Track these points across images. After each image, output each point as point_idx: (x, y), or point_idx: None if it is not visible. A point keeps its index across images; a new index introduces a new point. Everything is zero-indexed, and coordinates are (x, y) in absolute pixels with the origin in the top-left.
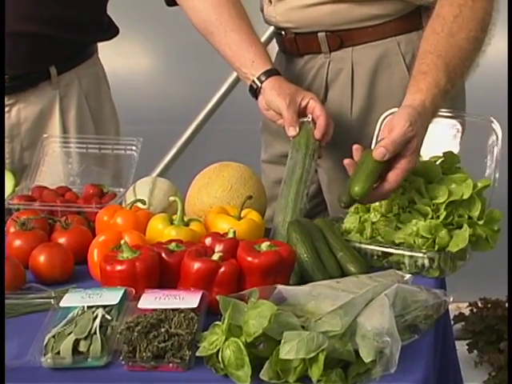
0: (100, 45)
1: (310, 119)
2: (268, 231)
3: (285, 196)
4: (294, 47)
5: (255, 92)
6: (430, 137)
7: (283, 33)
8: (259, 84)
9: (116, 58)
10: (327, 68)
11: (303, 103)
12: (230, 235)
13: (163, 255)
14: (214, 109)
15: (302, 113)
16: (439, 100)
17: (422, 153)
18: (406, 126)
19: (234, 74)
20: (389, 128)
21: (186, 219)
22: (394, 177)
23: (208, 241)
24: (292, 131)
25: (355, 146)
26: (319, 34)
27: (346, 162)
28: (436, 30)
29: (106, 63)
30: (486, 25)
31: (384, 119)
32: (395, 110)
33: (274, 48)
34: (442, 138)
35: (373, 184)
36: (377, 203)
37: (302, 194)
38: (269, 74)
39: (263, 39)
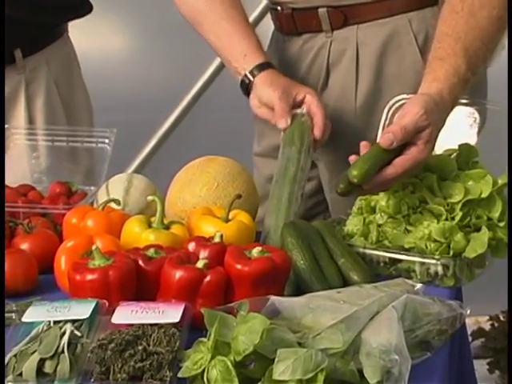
0: (69, 24)
1: (304, 111)
2: (260, 235)
3: (277, 197)
4: (291, 25)
5: (247, 88)
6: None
7: (279, 8)
8: (251, 79)
9: (87, 38)
10: (329, 49)
11: (298, 97)
12: (217, 239)
13: (140, 263)
14: (199, 94)
15: (296, 107)
16: (458, 90)
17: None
18: (420, 113)
19: None
20: (400, 115)
21: (166, 222)
22: (400, 161)
23: (191, 246)
24: (282, 123)
25: (363, 143)
26: (320, 10)
27: (352, 158)
28: (455, 8)
29: (75, 44)
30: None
31: (391, 107)
32: (404, 96)
33: (268, 25)
34: (457, 127)
35: (375, 169)
36: (383, 203)
37: (296, 194)
38: (262, 67)
39: (255, 14)
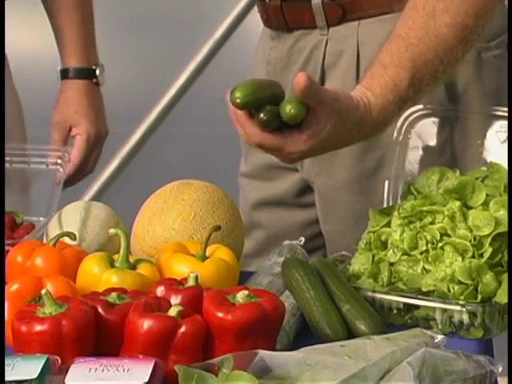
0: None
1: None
2: (245, 275)
3: None
4: (281, 19)
5: None
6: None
7: None
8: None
9: (23, 28)
10: (324, 49)
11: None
12: (191, 282)
13: (100, 310)
14: (171, 105)
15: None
16: (392, 110)
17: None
18: (334, 97)
19: (199, 58)
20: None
21: (131, 260)
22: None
23: (160, 290)
24: None
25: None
26: (314, 2)
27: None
28: (416, 5)
29: (10, 37)
30: (485, 10)
31: (405, 120)
32: (420, 107)
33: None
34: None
35: (261, 92)
36: (396, 237)
37: None
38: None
39: (239, 7)
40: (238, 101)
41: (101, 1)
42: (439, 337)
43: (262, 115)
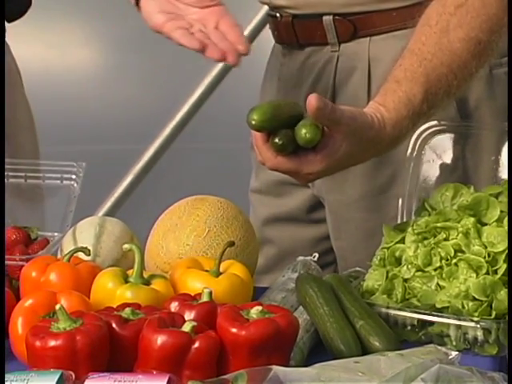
0: (12, 27)
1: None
2: (259, 291)
3: None
4: (292, 35)
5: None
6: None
7: (278, 15)
8: None
9: (44, 49)
10: (335, 65)
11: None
12: (205, 298)
13: (114, 326)
14: (185, 121)
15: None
16: (407, 124)
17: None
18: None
19: (212, 75)
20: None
21: (145, 275)
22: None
23: (174, 306)
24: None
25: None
26: (325, 18)
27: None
28: (430, 21)
29: (27, 56)
30: (498, 25)
31: (419, 136)
32: (434, 123)
33: (268, 37)
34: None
35: (277, 115)
36: (411, 253)
37: None
38: None
39: (253, 24)
40: (254, 123)
41: (117, 15)
42: (453, 353)
43: (277, 140)
